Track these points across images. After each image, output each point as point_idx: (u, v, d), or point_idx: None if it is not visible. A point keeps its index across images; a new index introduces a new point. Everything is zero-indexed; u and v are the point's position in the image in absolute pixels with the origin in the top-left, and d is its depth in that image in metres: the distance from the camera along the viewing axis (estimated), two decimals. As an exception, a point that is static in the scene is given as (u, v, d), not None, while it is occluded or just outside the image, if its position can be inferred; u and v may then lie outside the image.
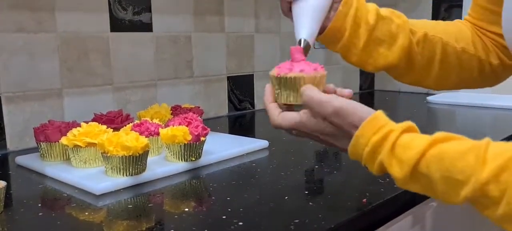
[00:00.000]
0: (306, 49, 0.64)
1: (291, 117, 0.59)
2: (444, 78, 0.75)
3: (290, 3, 0.67)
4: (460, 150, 0.46)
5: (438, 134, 0.49)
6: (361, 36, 0.67)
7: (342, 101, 0.55)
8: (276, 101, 0.61)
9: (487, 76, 0.78)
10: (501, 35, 0.71)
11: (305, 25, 0.65)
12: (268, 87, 0.62)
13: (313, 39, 0.65)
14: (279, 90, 0.60)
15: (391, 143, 0.51)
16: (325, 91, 0.59)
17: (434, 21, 0.77)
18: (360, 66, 0.71)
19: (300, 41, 0.64)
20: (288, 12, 0.68)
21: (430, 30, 0.72)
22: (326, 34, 0.68)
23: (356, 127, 0.53)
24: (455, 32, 0.75)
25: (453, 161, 0.46)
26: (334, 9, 0.66)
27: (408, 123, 0.52)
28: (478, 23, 0.77)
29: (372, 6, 0.68)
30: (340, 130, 0.55)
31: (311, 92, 0.57)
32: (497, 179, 0.43)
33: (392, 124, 0.52)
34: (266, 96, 0.62)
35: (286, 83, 0.59)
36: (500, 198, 0.43)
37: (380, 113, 0.53)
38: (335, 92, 0.61)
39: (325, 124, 0.56)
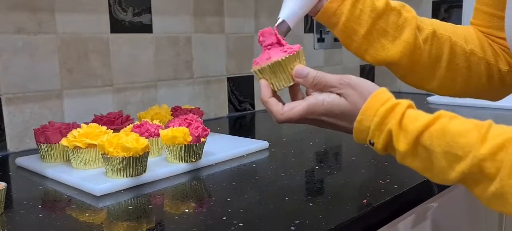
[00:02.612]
0: (282, 28, 0.63)
1: (300, 107, 0.57)
2: (450, 81, 0.73)
3: None
4: (463, 128, 0.48)
5: (443, 111, 0.51)
6: (363, 23, 0.65)
7: (352, 76, 0.57)
8: (273, 95, 0.60)
9: (495, 84, 0.75)
10: None
11: (287, 6, 0.64)
12: (264, 83, 0.60)
13: (294, 21, 0.64)
14: (273, 81, 0.60)
15: (400, 113, 0.52)
16: None
17: (442, 22, 0.74)
18: (360, 55, 0.69)
19: (277, 20, 0.64)
20: None
21: (439, 28, 0.71)
22: (321, 15, 0.66)
23: (364, 100, 0.54)
24: (464, 33, 0.73)
25: (455, 137, 0.48)
26: None
27: (410, 101, 0.54)
28: (485, 30, 0.75)
29: None
30: (351, 102, 0.55)
31: (320, 73, 0.58)
32: (494, 157, 0.45)
33: (397, 99, 0.54)
34: (263, 93, 0.60)
35: (280, 69, 0.59)
36: (495, 175, 0.45)
37: (385, 89, 0.54)
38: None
39: (335, 100, 0.56)
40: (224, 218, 0.62)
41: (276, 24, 0.64)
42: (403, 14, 0.67)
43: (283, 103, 0.60)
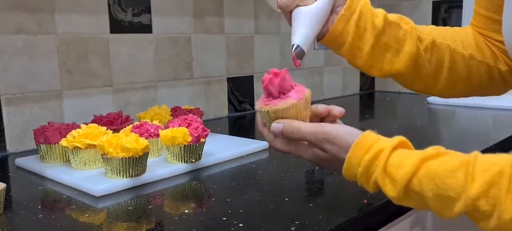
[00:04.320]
0: (299, 54, 0.64)
1: (286, 144, 0.61)
2: (453, 86, 0.74)
3: (291, 13, 0.66)
4: (449, 168, 0.48)
5: (428, 151, 0.50)
6: (367, 41, 0.66)
7: (329, 128, 0.56)
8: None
9: (496, 83, 0.76)
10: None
11: (299, 31, 0.65)
12: (258, 115, 0.64)
13: (307, 45, 0.65)
14: (265, 120, 0.61)
15: (383, 162, 0.51)
16: (314, 112, 0.61)
17: (440, 27, 0.75)
18: (366, 71, 0.70)
19: (293, 46, 0.65)
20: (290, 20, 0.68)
21: (437, 37, 0.71)
22: (328, 38, 0.67)
23: (346, 151, 0.54)
24: (462, 38, 0.74)
25: (444, 179, 0.47)
26: (336, 13, 0.65)
27: (399, 138, 0.53)
28: (482, 31, 0.76)
29: (380, 11, 0.67)
30: (332, 155, 0.56)
31: (296, 126, 0.58)
32: (486, 194, 0.45)
33: (382, 142, 0.53)
34: (258, 122, 0.64)
35: (269, 116, 0.59)
36: (491, 212, 0.45)
37: (369, 133, 0.54)
38: (329, 112, 0.62)
39: (318, 151, 0.58)
40: (224, 218, 0.62)
41: (293, 50, 0.64)
42: (403, 26, 0.67)
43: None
